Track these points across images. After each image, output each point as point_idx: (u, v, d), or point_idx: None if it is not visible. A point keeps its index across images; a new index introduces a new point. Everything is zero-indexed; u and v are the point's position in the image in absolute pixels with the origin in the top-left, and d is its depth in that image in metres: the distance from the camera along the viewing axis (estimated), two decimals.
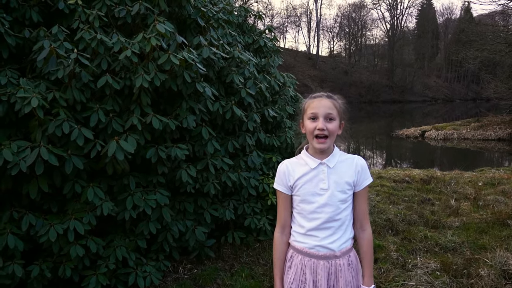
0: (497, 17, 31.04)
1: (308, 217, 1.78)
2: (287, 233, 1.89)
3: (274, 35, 5.74)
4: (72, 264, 2.93)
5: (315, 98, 1.78)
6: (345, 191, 1.77)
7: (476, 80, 59.66)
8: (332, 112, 1.73)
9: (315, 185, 1.76)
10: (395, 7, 67.44)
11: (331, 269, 1.77)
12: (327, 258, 1.76)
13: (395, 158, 15.36)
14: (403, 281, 3.49)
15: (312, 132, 1.73)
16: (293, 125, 4.85)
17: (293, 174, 1.81)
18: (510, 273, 3.52)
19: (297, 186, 1.80)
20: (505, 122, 19.82)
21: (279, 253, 1.88)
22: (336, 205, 1.75)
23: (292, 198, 1.85)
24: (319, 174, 1.76)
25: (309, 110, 1.76)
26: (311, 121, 1.74)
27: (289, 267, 1.85)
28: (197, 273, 3.68)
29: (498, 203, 5.80)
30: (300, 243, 1.81)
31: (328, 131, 1.71)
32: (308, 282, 1.77)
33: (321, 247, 1.76)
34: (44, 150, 2.66)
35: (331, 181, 1.75)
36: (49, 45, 2.88)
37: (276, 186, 1.87)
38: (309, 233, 1.78)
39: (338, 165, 1.78)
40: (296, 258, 1.83)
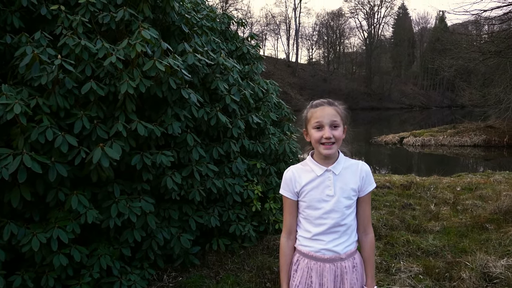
0: (470, 27, 31.88)
1: (315, 223, 1.81)
2: (293, 238, 1.92)
3: (257, 42, 5.78)
4: (55, 274, 2.87)
5: (317, 107, 1.80)
6: (351, 197, 1.81)
7: (451, 88, 60.95)
8: (337, 119, 1.77)
9: (321, 191, 1.79)
10: (372, 16, 68.67)
11: (337, 271, 1.80)
12: (333, 260, 1.80)
13: (375, 164, 15.56)
14: (388, 285, 3.53)
15: (318, 140, 1.75)
16: (276, 132, 4.87)
17: (300, 181, 1.83)
18: (490, 276, 3.60)
19: (304, 192, 1.82)
20: (480, 128, 20.34)
21: (286, 258, 1.91)
22: (342, 211, 1.78)
23: (298, 204, 1.88)
24: (325, 181, 1.79)
25: (313, 120, 1.78)
26: (317, 130, 1.76)
27: (295, 271, 1.88)
28: (182, 281, 3.65)
29: (476, 207, 5.93)
30: (306, 247, 1.84)
31: (335, 138, 1.75)
32: (315, 285, 1.80)
33: (327, 250, 1.79)
34: (27, 157, 2.61)
35: (337, 187, 1.79)
36: (32, 51, 2.84)
37: (283, 192, 1.89)
38: (315, 238, 1.81)
39: (343, 172, 1.82)
40: (302, 262, 1.85)
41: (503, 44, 19.27)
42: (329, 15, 70.14)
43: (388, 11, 72.64)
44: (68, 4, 3.42)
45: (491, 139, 18.99)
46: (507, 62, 19.13)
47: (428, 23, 79.56)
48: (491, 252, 4.13)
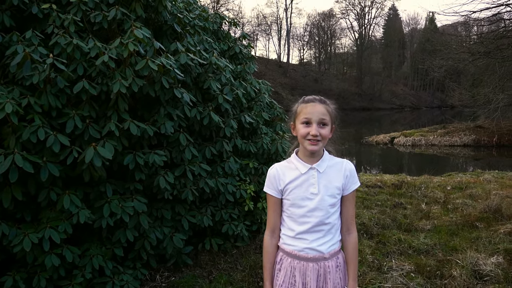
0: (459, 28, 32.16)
1: (298, 221, 1.79)
2: (276, 236, 1.90)
3: (249, 42, 5.78)
4: (47, 275, 2.84)
5: (308, 102, 1.79)
6: (335, 196, 1.80)
7: (441, 88, 61.47)
8: (326, 117, 1.76)
9: (305, 189, 1.78)
10: (363, 17, 69.04)
11: (320, 271, 1.79)
12: (316, 260, 1.78)
13: (366, 164, 15.64)
14: (380, 284, 3.56)
15: (305, 136, 1.74)
16: (269, 131, 4.88)
17: (284, 178, 1.82)
18: (480, 273, 3.64)
19: (288, 190, 1.81)
20: (469, 128, 20.54)
21: (269, 256, 1.88)
22: (326, 209, 1.77)
23: (282, 202, 1.86)
24: (310, 179, 1.78)
25: (302, 115, 1.77)
26: (304, 126, 1.75)
27: (278, 270, 1.86)
28: (174, 281, 3.64)
29: (466, 206, 5.99)
30: (289, 245, 1.82)
31: (321, 136, 1.73)
32: (298, 284, 1.79)
33: (310, 250, 1.78)
34: (19, 157, 2.58)
35: (321, 185, 1.78)
36: (23, 50, 2.82)
37: (267, 190, 1.87)
38: (298, 236, 1.80)
39: (327, 170, 1.81)
40: (285, 261, 1.84)
41: (492, 45, 19.46)
42: (320, 16, 70.46)
43: (378, 12, 73.13)
44: (59, 3, 3.39)
45: (481, 139, 19.19)
46: (495, 63, 19.33)
47: (418, 24, 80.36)
48: (481, 250, 4.18)
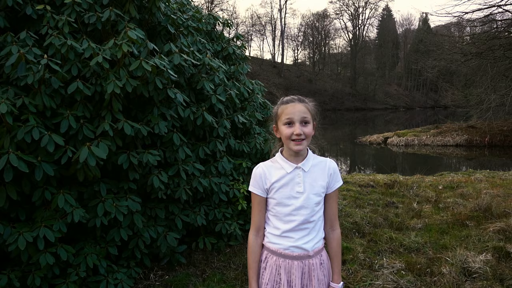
0: (452, 28, 32.41)
1: (284, 219, 1.82)
2: (261, 235, 1.92)
3: (242, 43, 5.83)
4: (41, 273, 2.87)
5: (288, 103, 1.82)
6: (320, 194, 1.83)
7: (435, 89, 61.96)
8: (307, 116, 1.78)
9: (291, 188, 1.81)
10: (357, 17, 69.28)
11: (304, 268, 1.82)
12: (301, 258, 1.82)
13: (360, 164, 15.74)
14: (371, 281, 3.61)
15: (289, 137, 1.77)
16: (262, 131, 4.93)
17: (270, 178, 1.84)
18: (469, 270, 3.71)
19: (273, 190, 1.83)
20: (462, 128, 20.71)
21: (254, 255, 1.90)
22: (311, 208, 1.81)
23: (267, 201, 1.88)
24: (295, 178, 1.81)
25: (283, 116, 1.79)
26: (287, 127, 1.78)
27: (264, 268, 1.89)
28: (168, 279, 3.67)
29: (457, 205, 6.07)
30: (275, 244, 1.85)
31: (305, 135, 1.76)
32: (283, 282, 1.82)
33: (296, 248, 1.81)
34: (14, 156, 2.61)
35: (306, 184, 1.81)
36: (18, 50, 2.85)
37: (252, 189, 1.89)
38: (284, 235, 1.83)
39: (312, 169, 1.84)
40: (270, 259, 1.86)
41: (484, 45, 19.65)
42: (314, 16, 70.59)
43: (372, 13, 73.61)
44: (53, 4, 3.42)
45: (473, 139, 19.34)
46: (487, 63, 19.52)
47: (411, 25, 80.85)
48: (470, 248, 4.24)
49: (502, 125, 19.70)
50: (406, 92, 72.32)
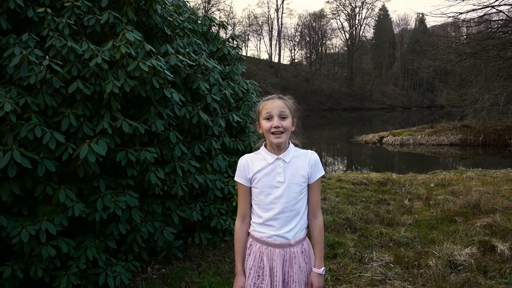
0: (449, 28, 32.64)
1: (265, 208, 1.97)
2: (247, 223, 2.07)
3: (237, 43, 5.96)
4: (43, 265, 2.99)
5: (268, 100, 1.98)
6: (300, 184, 1.97)
7: (431, 88, 62.32)
8: (285, 110, 1.93)
9: (272, 178, 1.95)
10: (354, 17, 69.57)
11: (285, 256, 1.96)
12: (283, 246, 1.96)
13: (355, 163, 15.89)
14: (360, 273, 3.76)
15: (269, 130, 1.92)
16: (256, 130, 5.05)
17: (252, 168, 1.99)
18: (455, 263, 3.86)
19: (256, 179, 1.98)
20: (456, 128, 20.92)
21: (240, 241, 2.06)
22: (292, 196, 1.95)
23: (251, 190, 2.03)
24: (276, 168, 1.95)
25: (264, 111, 1.95)
26: (267, 121, 1.93)
27: (248, 254, 2.04)
28: (165, 273, 3.81)
29: (447, 202, 6.22)
30: (258, 232, 2.00)
31: (283, 128, 1.91)
32: (265, 268, 1.96)
33: (278, 236, 1.95)
34: (17, 153, 2.74)
35: (287, 174, 1.95)
36: (20, 52, 2.97)
37: (237, 179, 2.04)
38: (266, 223, 1.97)
39: (293, 160, 1.98)
40: (254, 246, 2.01)
41: (478, 46, 19.84)
42: (311, 16, 70.85)
43: (369, 13, 73.99)
44: (54, 7, 3.54)
45: (467, 138, 19.55)
46: (481, 63, 19.70)
47: (408, 25, 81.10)
48: (457, 242, 4.39)
49: (496, 125, 19.91)
50: (403, 92, 72.65)
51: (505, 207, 5.75)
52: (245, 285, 2.03)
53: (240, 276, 2.05)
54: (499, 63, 19.83)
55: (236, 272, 2.07)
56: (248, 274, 2.02)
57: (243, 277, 2.04)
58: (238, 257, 2.06)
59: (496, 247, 4.14)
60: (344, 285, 3.51)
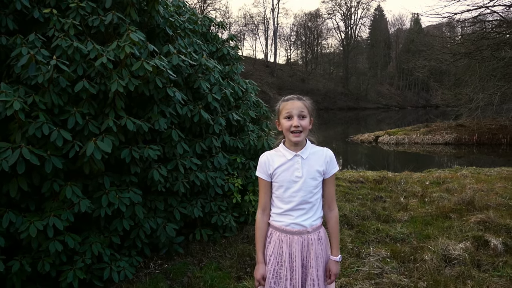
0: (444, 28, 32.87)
1: (285, 200, 2.10)
2: (267, 214, 2.20)
3: (236, 43, 6.05)
4: (50, 260, 3.08)
5: (288, 100, 2.11)
6: (316, 178, 2.10)
7: (426, 88, 62.58)
8: (304, 111, 2.07)
9: (291, 173, 2.08)
10: (349, 17, 69.78)
11: (303, 242, 2.09)
12: (301, 233, 2.09)
13: (351, 162, 16.03)
14: (358, 268, 3.86)
15: (288, 129, 2.05)
16: (255, 129, 5.16)
17: (273, 164, 2.12)
18: (449, 257, 3.97)
19: (276, 174, 2.11)
20: (451, 127, 21.11)
21: (261, 231, 2.19)
22: (309, 190, 2.08)
23: (272, 185, 2.17)
24: (295, 164, 2.09)
25: (284, 111, 2.08)
26: (287, 120, 2.06)
27: (268, 243, 2.17)
28: (167, 268, 3.89)
29: (442, 199, 6.35)
30: (278, 222, 2.13)
31: (302, 127, 2.04)
32: (285, 254, 2.09)
33: (295, 224, 2.09)
34: (26, 150, 2.82)
35: (304, 170, 2.08)
36: (27, 52, 3.05)
37: (258, 174, 2.18)
38: (285, 213, 2.10)
39: (310, 156, 2.11)
40: (274, 235, 2.15)
41: (472, 46, 20.02)
42: (306, 16, 70.98)
43: (364, 13, 74.17)
44: (59, 8, 3.62)
45: (462, 137, 19.75)
46: (476, 63, 19.88)
47: (403, 25, 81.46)
48: (452, 237, 4.51)
49: (490, 124, 20.10)
50: (398, 92, 72.97)
51: (499, 204, 5.88)
52: (266, 271, 2.15)
53: (261, 264, 2.17)
54: (493, 63, 20.02)
55: (257, 260, 2.19)
56: (268, 261, 2.15)
57: (263, 265, 2.17)
58: (259, 246, 2.18)
59: (490, 242, 4.25)
60: (342, 278, 3.61)
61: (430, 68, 26.11)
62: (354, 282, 3.55)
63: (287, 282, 2.08)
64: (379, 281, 3.59)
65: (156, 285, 3.53)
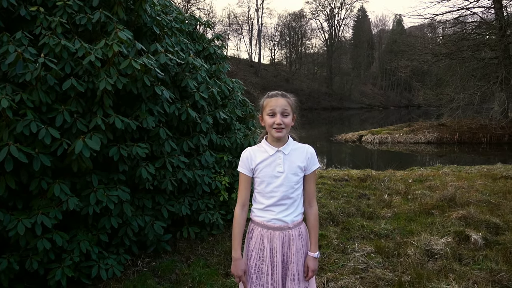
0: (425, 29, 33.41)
1: (267, 196, 2.14)
2: (246, 210, 2.23)
3: (222, 43, 6.09)
4: (38, 258, 3.08)
5: (272, 97, 2.14)
6: (297, 174, 2.15)
7: (409, 88, 63.44)
8: (287, 108, 2.11)
9: (273, 168, 2.12)
10: (333, 17, 70.26)
11: (284, 238, 2.13)
12: (282, 229, 2.13)
13: (335, 161, 16.18)
14: (343, 263, 3.94)
15: (271, 125, 2.09)
16: (242, 128, 5.20)
17: (255, 159, 2.16)
18: (432, 252, 4.09)
19: (258, 170, 2.15)
20: (433, 126, 21.49)
21: (240, 227, 2.20)
22: (290, 185, 2.12)
23: (253, 180, 2.20)
24: (276, 160, 2.13)
25: (268, 108, 2.11)
26: (270, 117, 2.10)
27: (250, 238, 2.21)
28: (155, 266, 3.92)
29: (425, 196, 6.49)
30: (259, 217, 2.17)
31: (284, 124, 2.08)
32: (266, 249, 2.13)
33: (277, 220, 2.12)
34: (14, 148, 2.82)
35: (286, 165, 2.12)
36: (14, 49, 3.04)
37: (240, 169, 2.20)
38: (267, 209, 2.14)
39: (292, 152, 2.16)
40: (256, 230, 2.19)
41: (453, 46, 20.43)
42: (291, 16, 71.24)
43: (348, 13, 74.79)
44: (45, 6, 3.61)
45: (443, 136, 20.11)
46: (457, 64, 20.28)
47: (386, 26, 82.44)
48: (434, 233, 4.63)
49: (470, 123, 20.53)
50: (381, 92, 73.81)
51: (479, 200, 6.04)
52: (247, 267, 2.18)
53: (240, 260, 2.18)
54: (474, 63, 20.47)
55: (235, 256, 2.18)
56: (250, 256, 2.18)
57: (241, 260, 2.19)
58: (236, 242, 2.19)
59: (470, 237, 4.38)
60: (328, 273, 3.68)
61: (412, 68, 26.58)
62: (340, 277, 3.62)
63: (268, 277, 2.12)
64: (364, 275, 3.67)
65: (144, 282, 3.56)
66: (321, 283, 3.50)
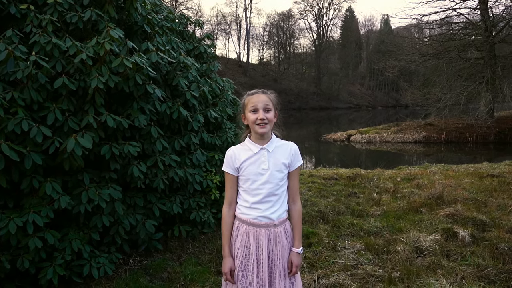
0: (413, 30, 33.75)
1: (252, 193, 2.16)
2: (233, 208, 2.25)
3: (212, 42, 6.10)
4: (30, 256, 3.06)
5: (253, 94, 2.17)
6: (282, 171, 2.18)
7: (396, 88, 63.98)
8: (269, 104, 2.14)
9: (257, 166, 2.15)
10: (321, 17, 70.57)
11: (270, 235, 2.16)
12: (267, 226, 2.15)
13: (324, 160, 16.28)
14: (334, 260, 3.98)
15: (254, 122, 2.11)
16: (232, 126, 5.22)
17: (239, 158, 2.18)
18: (421, 248, 4.15)
19: (243, 168, 2.17)
20: (420, 126, 21.73)
21: (228, 225, 2.24)
22: (275, 182, 2.15)
23: (238, 179, 2.22)
24: (261, 157, 2.15)
25: (249, 105, 2.14)
26: (253, 113, 2.12)
27: (236, 236, 2.22)
28: (147, 264, 3.92)
29: (413, 194, 6.58)
30: (245, 215, 2.18)
31: (267, 119, 2.11)
32: (252, 247, 2.15)
33: (263, 217, 2.15)
34: (5, 146, 2.80)
35: (270, 163, 2.15)
36: (5, 47, 3.02)
37: (225, 169, 2.22)
38: (253, 206, 2.16)
39: (276, 150, 2.19)
40: (241, 228, 2.20)
41: (440, 47, 20.68)
42: (279, 16, 71.42)
43: (336, 13, 75.28)
44: (36, 4, 3.59)
45: (431, 136, 20.34)
46: (443, 64, 20.53)
47: (373, 26, 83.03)
48: (423, 230, 4.70)
49: (457, 123, 20.80)
50: (369, 92, 74.33)
51: (466, 198, 6.14)
52: (233, 265, 2.20)
53: (228, 258, 2.21)
54: (460, 63, 20.74)
55: (223, 255, 2.23)
56: (236, 254, 2.20)
57: (230, 258, 2.21)
58: (226, 240, 2.23)
59: (458, 234, 4.46)
60: (319, 270, 3.72)
61: (400, 68, 26.84)
62: (331, 273, 3.66)
63: (254, 275, 2.14)
64: (354, 272, 3.71)
65: (136, 280, 3.56)
66: (312, 280, 3.54)
